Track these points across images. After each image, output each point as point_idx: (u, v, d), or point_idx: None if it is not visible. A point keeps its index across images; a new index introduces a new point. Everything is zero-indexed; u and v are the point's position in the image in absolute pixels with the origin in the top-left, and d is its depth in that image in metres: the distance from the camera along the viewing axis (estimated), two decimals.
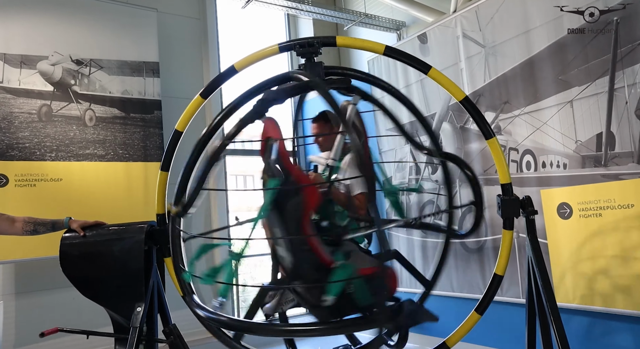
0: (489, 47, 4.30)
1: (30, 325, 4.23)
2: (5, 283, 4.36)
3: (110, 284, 2.61)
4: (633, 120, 3.40)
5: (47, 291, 4.35)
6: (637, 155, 3.39)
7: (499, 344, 4.20)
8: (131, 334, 2.42)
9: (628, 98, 3.42)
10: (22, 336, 4.27)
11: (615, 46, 3.45)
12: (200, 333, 2.56)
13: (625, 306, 3.39)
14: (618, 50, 3.44)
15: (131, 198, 4.59)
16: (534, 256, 2.58)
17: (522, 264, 3.95)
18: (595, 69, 3.58)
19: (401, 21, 5.54)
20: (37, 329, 2.76)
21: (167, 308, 2.77)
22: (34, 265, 4.30)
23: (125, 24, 4.86)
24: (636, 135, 3.39)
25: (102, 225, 2.75)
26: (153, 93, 4.91)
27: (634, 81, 3.38)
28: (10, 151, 4.21)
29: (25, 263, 4.32)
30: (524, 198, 2.63)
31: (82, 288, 2.62)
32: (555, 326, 2.42)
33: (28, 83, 4.36)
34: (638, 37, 3.35)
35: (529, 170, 4.02)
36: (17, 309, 4.34)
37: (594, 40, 3.56)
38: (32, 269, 4.38)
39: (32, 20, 4.46)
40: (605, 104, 3.54)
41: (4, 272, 4.37)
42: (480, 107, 4.38)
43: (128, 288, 2.55)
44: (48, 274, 4.17)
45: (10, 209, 3.16)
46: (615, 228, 3.45)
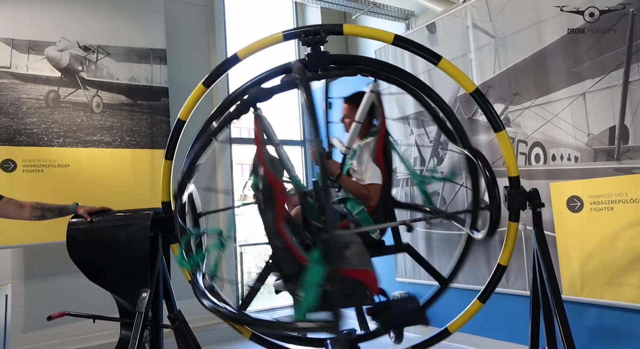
0: (499, 37, 4.27)
1: (39, 309, 4.32)
2: (15, 268, 4.44)
3: (116, 269, 2.63)
4: None
5: (55, 276, 4.42)
6: None
7: (506, 337, 4.22)
8: (137, 320, 2.45)
9: None
10: (30, 319, 4.36)
11: (631, 38, 3.41)
12: (206, 319, 2.59)
13: (635, 299, 3.40)
14: (634, 43, 3.40)
15: (137, 185, 4.63)
16: (539, 248, 2.59)
17: (529, 256, 3.96)
18: (609, 62, 3.54)
19: (410, 10, 5.51)
20: (45, 313, 2.81)
21: (172, 294, 2.80)
22: (43, 249, 4.37)
23: (132, 11, 4.87)
24: None
25: (108, 211, 2.78)
26: (160, 81, 4.93)
27: None
28: (18, 136, 4.26)
29: (34, 248, 4.40)
30: (531, 190, 2.62)
31: (88, 273, 2.65)
32: (559, 319, 2.43)
33: (36, 69, 4.40)
34: None
35: (537, 162, 4.00)
36: (26, 293, 4.42)
37: (608, 32, 3.52)
38: (40, 254, 4.45)
39: (39, 6, 4.48)
40: (619, 97, 3.50)
41: (13, 257, 4.45)
42: (489, 98, 4.33)
43: (134, 273, 2.58)
44: (56, 259, 4.22)
45: (18, 194, 3.19)
46: (627, 222, 3.43)
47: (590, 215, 3.64)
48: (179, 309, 2.75)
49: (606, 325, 3.64)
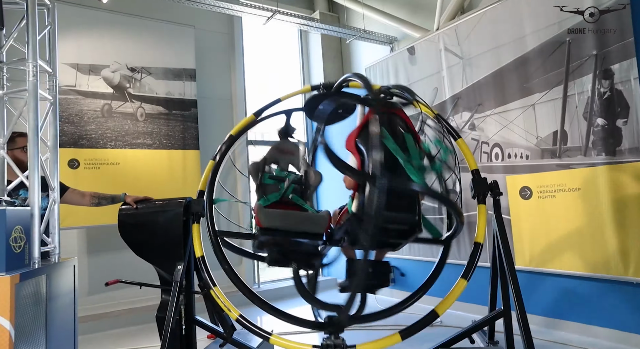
0: (466, 58, 4.24)
1: (98, 277, 4.35)
2: (79, 244, 4.48)
3: (156, 247, 2.65)
4: (581, 121, 3.37)
5: (111, 252, 4.45)
6: (584, 149, 3.35)
7: (471, 300, 4.23)
8: (173, 287, 2.48)
9: (577, 103, 3.39)
10: (93, 286, 4.40)
11: (568, 61, 3.42)
12: (227, 287, 2.59)
13: (572, 268, 3.42)
14: (570, 65, 3.40)
15: (172, 179, 4.64)
16: (498, 228, 2.60)
17: (490, 235, 3.94)
18: (552, 79, 3.54)
19: (393, 36, 5.47)
20: (103, 280, 2.83)
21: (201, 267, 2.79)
22: (101, 230, 4.39)
23: (169, 38, 4.87)
24: (584, 133, 3.35)
25: (150, 199, 2.79)
26: (190, 94, 4.92)
27: (582, 89, 3.35)
28: (80, 140, 4.29)
29: (95, 229, 4.42)
30: (492, 182, 2.63)
31: (135, 250, 2.68)
32: (512, 284, 2.45)
33: (94, 87, 4.41)
34: (584, 55, 3.31)
35: (497, 160, 3.99)
36: (89, 265, 4.47)
37: (551, 55, 3.52)
38: (99, 234, 4.48)
39: (97, 36, 4.50)
40: (560, 107, 3.50)
41: (79, 236, 4.48)
42: (458, 107, 4.35)
43: (170, 250, 2.59)
44: (111, 238, 4.22)
45: (80, 186, 3.21)
46: (566, 208, 3.44)
47: (538, 202, 3.63)
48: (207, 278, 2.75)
49: (550, 289, 3.65)
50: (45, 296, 2.08)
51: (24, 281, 1.89)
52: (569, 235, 3.42)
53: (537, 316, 3.64)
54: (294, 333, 3.63)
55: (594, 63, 3.26)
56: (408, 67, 4.90)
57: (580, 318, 3.44)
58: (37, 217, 2.11)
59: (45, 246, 2.27)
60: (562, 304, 3.57)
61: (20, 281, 1.85)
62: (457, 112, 4.32)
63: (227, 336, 2.60)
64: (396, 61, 5.05)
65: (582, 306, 3.43)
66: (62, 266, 2.32)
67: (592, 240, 3.27)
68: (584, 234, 3.32)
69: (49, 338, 2.09)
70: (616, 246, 3.14)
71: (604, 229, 3.20)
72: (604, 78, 3.22)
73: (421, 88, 4.71)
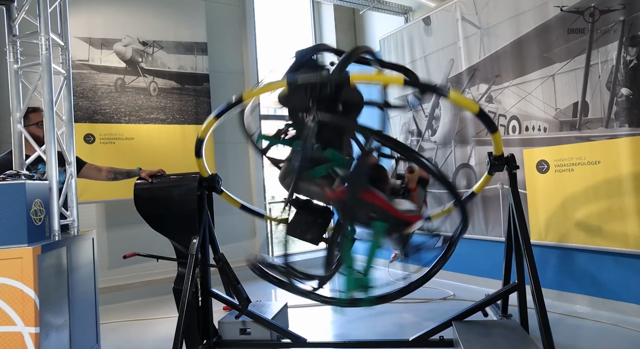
0: (484, 28, 4.07)
1: (117, 250, 4.46)
2: (99, 218, 4.56)
3: (171, 220, 2.67)
4: (604, 92, 3.23)
5: (128, 225, 4.51)
6: (605, 121, 3.23)
7: (485, 274, 4.24)
8: (189, 260, 2.51)
9: (601, 73, 3.24)
10: (112, 258, 4.51)
11: (592, 29, 3.25)
12: (242, 261, 2.62)
13: (587, 242, 3.37)
14: (595, 32, 3.24)
15: (186, 153, 4.60)
16: (514, 202, 2.55)
17: (505, 210, 3.91)
18: (574, 48, 3.38)
19: (408, 6, 5.27)
20: (121, 253, 2.88)
21: (216, 241, 2.83)
22: (119, 205, 4.45)
23: (180, 11, 4.78)
24: (606, 104, 3.22)
25: (164, 173, 2.80)
26: (202, 69, 4.85)
27: (606, 58, 3.20)
28: (95, 115, 4.29)
29: (113, 203, 4.48)
30: (509, 155, 2.56)
31: (151, 223, 2.70)
32: (527, 258, 2.41)
33: (107, 61, 4.38)
34: (610, 22, 3.14)
35: (514, 133, 3.88)
36: (108, 238, 4.55)
37: (574, 22, 3.35)
38: (116, 207, 4.54)
39: (109, 10, 4.43)
40: (581, 78, 3.36)
41: (97, 210, 4.56)
42: (475, 79, 4.22)
43: (185, 224, 2.61)
44: (128, 212, 4.30)
45: (97, 161, 3.25)
46: (584, 182, 3.35)
47: (555, 176, 3.55)
48: (222, 252, 2.79)
49: (564, 262, 3.61)
50: (67, 267, 2.13)
51: (46, 253, 1.94)
52: (586, 208, 3.35)
53: (551, 290, 3.62)
54: (308, 305, 3.69)
55: (620, 30, 3.10)
56: (423, 38, 4.74)
57: (596, 292, 3.41)
58: (55, 190, 2.14)
59: (64, 220, 2.31)
60: (576, 276, 3.53)
61: (42, 252, 1.90)
62: (473, 84, 4.20)
63: (242, 308, 2.65)
64: (411, 32, 4.89)
65: (598, 280, 3.40)
66: (81, 239, 2.37)
67: (610, 214, 3.20)
68: (601, 208, 3.25)
69: (72, 307, 2.15)
70: (636, 220, 3.07)
71: (624, 202, 3.12)
72: (631, 45, 3.07)
73: (437, 60, 4.58)
